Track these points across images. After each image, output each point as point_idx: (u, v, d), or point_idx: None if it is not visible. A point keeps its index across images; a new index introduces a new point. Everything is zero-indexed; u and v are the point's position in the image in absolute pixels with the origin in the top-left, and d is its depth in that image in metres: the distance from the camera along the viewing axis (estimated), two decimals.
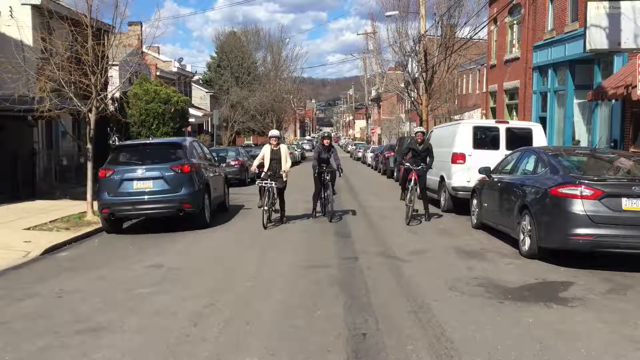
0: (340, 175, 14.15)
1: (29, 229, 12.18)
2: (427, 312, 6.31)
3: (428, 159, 13.24)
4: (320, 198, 13.87)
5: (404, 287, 7.37)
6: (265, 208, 12.16)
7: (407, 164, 13.12)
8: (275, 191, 12.55)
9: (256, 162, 13.21)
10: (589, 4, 14.98)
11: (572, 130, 19.46)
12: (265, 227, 11.99)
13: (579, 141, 19.06)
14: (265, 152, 12.82)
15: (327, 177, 13.62)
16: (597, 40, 14.68)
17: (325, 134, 14.70)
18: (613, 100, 15.53)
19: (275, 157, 12.76)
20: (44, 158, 20.38)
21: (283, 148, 12.94)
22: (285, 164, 12.78)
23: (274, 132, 13.26)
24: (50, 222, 12.95)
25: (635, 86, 12.76)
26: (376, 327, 5.83)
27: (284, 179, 12.84)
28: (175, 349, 5.36)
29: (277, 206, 12.92)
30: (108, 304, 6.89)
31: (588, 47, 14.85)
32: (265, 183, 12.37)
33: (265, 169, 12.72)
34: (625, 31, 14.32)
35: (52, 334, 5.86)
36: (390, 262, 8.84)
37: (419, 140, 13.33)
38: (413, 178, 12.86)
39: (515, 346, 5.30)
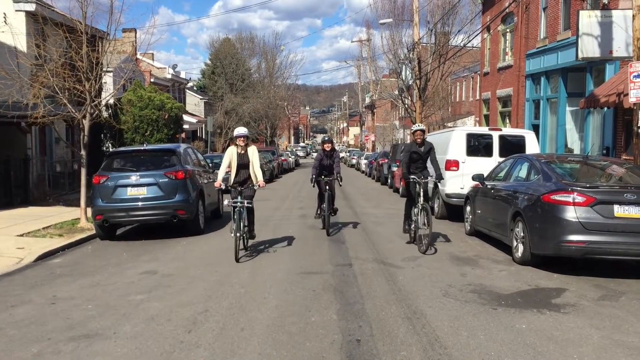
0: (340, 184, 12.84)
1: (22, 235, 12.14)
2: (421, 318, 6.33)
3: (431, 163, 10.84)
4: (321, 209, 12.70)
5: (397, 293, 7.39)
6: (237, 235, 9.57)
7: (413, 177, 10.52)
8: (246, 211, 9.95)
9: (221, 174, 10.25)
10: (581, 12, 15.15)
11: (565, 138, 19.59)
12: (237, 260, 9.47)
13: (571, 149, 19.19)
14: (231, 157, 10.10)
15: (327, 187, 12.36)
16: (589, 48, 14.85)
17: (326, 138, 13.23)
18: (605, 108, 15.65)
19: (243, 162, 10.09)
20: (38, 164, 20.32)
21: (252, 151, 10.14)
22: (257, 173, 10.08)
23: (240, 130, 10.31)
24: (44, 228, 12.91)
25: (627, 94, 12.86)
26: (370, 333, 5.85)
27: (254, 188, 10.17)
28: (170, 356, 5.35)
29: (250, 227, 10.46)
30: (101, 310, 6.88)
31: (580, 56, 15.00)
32: (235, 202, 9.79)
33: (232, 180, 10.09)
34: (617, 40, 14.49)
35: (46, 340, 5.85)
36: (384, 268, 8.86)
37: (419, 140, 10.82)
38: (422, 192, 10.37)
39: (508, 352, 5.32)
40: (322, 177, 12.54)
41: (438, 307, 6.75)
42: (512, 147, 13.86)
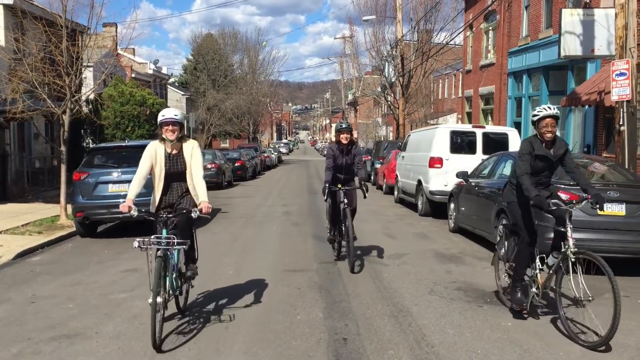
0: (365, 196, 8.79)
1: (0, 232, 11.90)
2: (407, 316, 6.30)
3: (570, 174, 6.23)
4: (335, 234, 9.10)
5: (383, 291, 7.36)
6: (159, 300, 5.44)
7: (556, 201, 5.89)
8: (179, 253, 6.24)
9: (134, 189, 6.30)
10: (564, 11, 15.27)
11: None
12: (158, 347, 5.29)
13: None
14: (154, 160, 6.26)
15: (346, 200, 8.58)
16: (571, 46, 14.97)
17: (344, 125, 8.74)
18: (586, 106, 15.79)
19: (176, 169, 6.25)
20: (16, 160, 19.97)
21: (190, 148, 6.21)
22: (198, 187, 6.09)
23: (167, 112, 6.20)
24: (23, 225, 12.68)
25: (609, 92, 12.98)
26: (357, 331, 5.81)
27: (193, 215, 5.93)
28: (153, 356, 5.26)
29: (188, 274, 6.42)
30: (83, 309, 6.75)
31: (562, 54, 15.11)
32: (159, 241, 5.96)
33: (157, 200, 6.41)
34: (599, 38, 14.61)
35: (25, 340, 5.71)
36: (369, 266, 8.82)
37: (549, 136, 5.95)
38: (568, 233, 5.89)
39: (495, 350, 5.32)
40: (339, 186, 8.67)
41: (424, 305, 6.74)
42: (496, 144, 13.92)
